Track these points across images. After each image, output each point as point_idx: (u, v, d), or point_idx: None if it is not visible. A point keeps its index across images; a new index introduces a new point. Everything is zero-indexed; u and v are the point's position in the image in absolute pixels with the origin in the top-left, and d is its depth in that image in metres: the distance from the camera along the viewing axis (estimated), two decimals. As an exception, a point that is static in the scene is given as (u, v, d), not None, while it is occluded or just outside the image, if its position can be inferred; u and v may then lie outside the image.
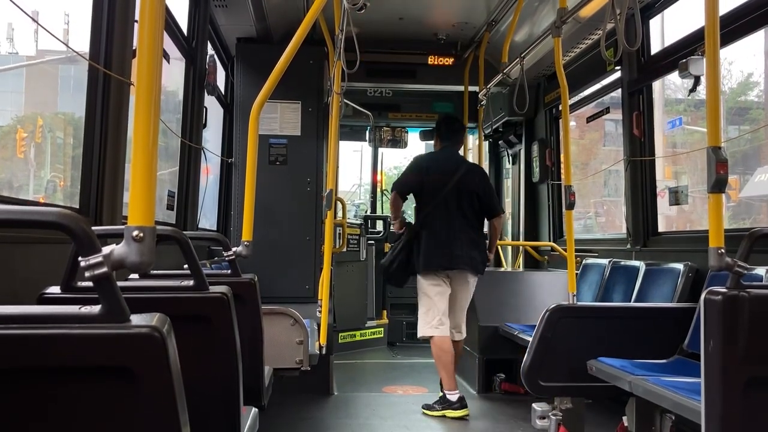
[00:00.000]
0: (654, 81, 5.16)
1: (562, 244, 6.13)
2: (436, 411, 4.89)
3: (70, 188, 7.97)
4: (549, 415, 3.66)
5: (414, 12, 6.07)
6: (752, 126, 16.22)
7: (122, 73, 3.09)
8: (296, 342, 3.68)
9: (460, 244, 4.94)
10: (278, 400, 4.83)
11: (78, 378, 1.13)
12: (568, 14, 4.25)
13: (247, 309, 2.67)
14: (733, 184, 14.67)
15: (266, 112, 5.30)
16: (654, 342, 3.70)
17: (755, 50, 14.50)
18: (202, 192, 5.02)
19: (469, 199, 5.03)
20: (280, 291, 5.09)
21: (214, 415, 2.04)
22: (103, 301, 1.13)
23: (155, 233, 1.27)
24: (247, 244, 3.32)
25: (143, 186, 1.28)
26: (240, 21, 5.31)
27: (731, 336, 1.99)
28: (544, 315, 3.61)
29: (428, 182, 5.05)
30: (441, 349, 4.93)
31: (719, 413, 2.00)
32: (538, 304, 4.83)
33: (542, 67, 6.57)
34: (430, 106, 8.22)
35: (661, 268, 4.37)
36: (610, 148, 16.28)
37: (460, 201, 5.01)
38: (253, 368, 2.68)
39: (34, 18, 2.99)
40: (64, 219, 1.10)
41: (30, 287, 1.99)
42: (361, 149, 19.07)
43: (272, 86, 3.41)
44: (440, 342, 4.93)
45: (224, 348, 2.05)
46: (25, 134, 11.81)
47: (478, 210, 5.08)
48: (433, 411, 4.91)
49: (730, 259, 2.08)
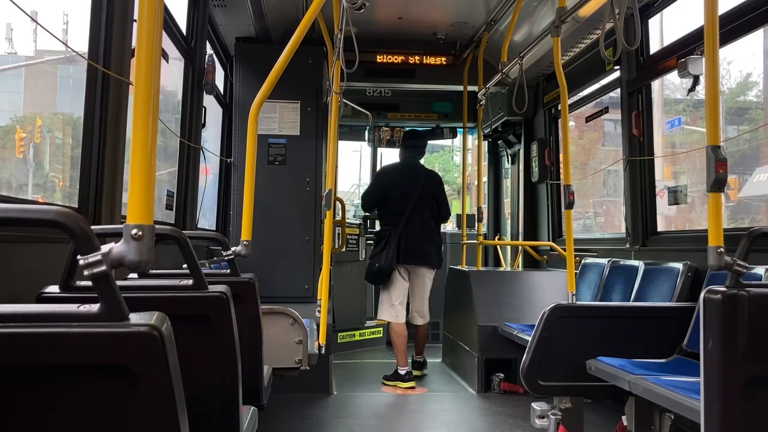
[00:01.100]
0: (653, 81, 5.17)
1: (561, 243, 6.13)
2: (391, 382, 5.82)
3: (69, 188, 7.98)
4: (548, 415, 3.66)
5: (413, 12, 6.07)
6: (751, 126, 16.24)
7: (121, 73, 3.09)
8: (295, 341, 3.67)
9: (421, 244, 5.85)
10: (277, 400, 4.83)
11: (76, 377, 1.13)
12: (567, 14, 4.26)
13: (247, 308, 2.67)
14: (732, 184, 14.69)
15: (265, 111, 5.30)
16: (653, 341, 3.70)
17: (754, 50, 14.52)
18: (201, 192, 5.02)
19: (428, 204, 5.92)
20: (279, 291, 5.10)
21: (214, 415, 2.04)
22: (102, 300, 1.13)
23: (154, 232, 1.27)
24: (246, 243, 3.31)
25: (142, 185, 1.28)
26: (239, 20, 5.31)
27: (731, 335, 1.99)
28: (543, 314, 3.61)
29: (393, 190, 5.91)
30: (396, 333, 5.90)
31: (719, 412, 2.00)
32: (538, 304, 4.85)
33: (541, 67, 6.57)
34: (430, 106, 8.22)
35: (660, 267, 4.37)
36: (609, 148, 16.30)
37: (422, 205, 5.88)
38: (253, 368, 2.68)
39: (33, 18, 2.99)
40: (62, 217, 1.09)
41: (29, 286, 1.99)
42: (360, 149, 19.12)
43: (271, 86, 3.40)
44: (396, 327, 5.90)
45: (223, 347, 2.05)
46: (24, 134, 11.81)
47: (435, 213, 6.00)
48: (389, 382, 5.84)
49: (729, 258, 2.07)
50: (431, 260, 5.93)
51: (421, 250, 5.86)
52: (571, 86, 4.99)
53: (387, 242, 5.81)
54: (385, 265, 5.78)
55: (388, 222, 5.94)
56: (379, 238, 5.96)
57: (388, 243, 5.79)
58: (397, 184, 5.92)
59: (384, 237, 5.87)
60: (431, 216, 5.95)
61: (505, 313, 5.56)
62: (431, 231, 5.96)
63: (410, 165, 6.11)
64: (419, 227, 5.86)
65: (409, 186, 5.88)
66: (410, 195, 5.85)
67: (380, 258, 5.80)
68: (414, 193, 5.85)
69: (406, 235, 5.81)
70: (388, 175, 6.13)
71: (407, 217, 5.82)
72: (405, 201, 5.84)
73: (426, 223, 5.90)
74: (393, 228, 5.84)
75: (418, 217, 5.86)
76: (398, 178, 5.98)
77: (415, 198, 5.84)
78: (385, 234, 5.87)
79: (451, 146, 30.29)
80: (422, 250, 5.86)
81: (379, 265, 5.80)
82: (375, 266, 5.83)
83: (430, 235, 5.95)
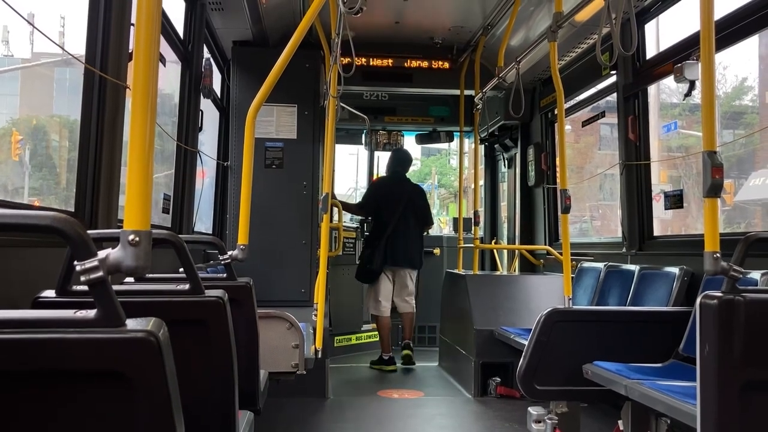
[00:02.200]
0: (649, 85, 5.18)
1: (557, 247, 6.14)
2: (376, 366, 6.71)
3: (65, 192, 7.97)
4: (545, 419, 3.66)
5: (410, 16, 6.08)
6: (747, 130, 16.28)
7: (118, 77, 3.08)
8: (292, 346, 3.67)
9: (406, 248, 6.74)
10: (274, 404, 4.82)
11: (73, 383, 1.13)
12: (564, 19, 4.27)
13: (243, 313, 2.67)
14: (728, 189, 14.72)
15: (262, 115, 5.30)
16: (649, 346, 3.70)
17: (750, 55, 14.57)
18: (198, 195, 5.01)
19: (413, 213, 6.82)
20: (276, 294, 5.09)
21: (210, 420, 2.04)
22: (99, 306, 1.12)
23: (151, 237, 1.26)
24: (243, 247, 3.31)
25: (139, 190, 1.28)
26: (236, 24, 5.30)
27: (727, 340, 2.00)
28: (539, 319, 3.62)
29: (384, 201, 6.78)
30: (381, 325, 6.80)
31: (715, 417, 2.00)
32: (534, 308, 4.84)
33: (538, 72, 6.58)
34: (427, 110, 8.23)
35: (656, 272, 4.38)
36: (606, 152, 16.32)
37: (408, 214, 6.77)
38: (249, 372, 2.67)
39: (29, 21, 2.98)
40: (59, 223, 1.09)
41: (25, 291, 1.99)
42: (357, 153, 19.10)
43: (268, 89, 3.40)
44: (381, 320, 6.79)
45: (220, 352, 2.04)
46: (20, 137, 11.78)
47: (420, 220, 6.93)
48: (375, 366, 6.72)
49: (725, 263, 2.08)
50: (414, 262, 6.88)
51: (406, 253, 6.76)
52: (567, 91, 4.99)
53: (377, 245, 6.65)
54: (376, 267, 6.66)
55: (378, 227, 6.78)
56: (369, 241, 6.83)
57: (378, 246, 6.64)
58: (387, 194, 6.83)
59: (374, 240, 6.74)
60: (416, 223, 6.85)
61: (501, 317, 5.56)
62: (415, 236, 6.87)
63: (399, 178, 7.02)
64: (404, 233, 6.74)
65: (398, 196, 6.76)
66: (398, 204, 6.72)
67: (371, 260, 6.66)
68: (401, 203, 6.73)
69: (393, 239, 6.68)
70: (381, 186, 7.07)
71: (395, 224, 6.68)
72: (394, 210, 6.70)
73: (411, 229, 6.80)
74: (382, 233, 6.68)
75: (403, 224, 6.74)
76: (389, 189, 6.89)
77: (402, 207, 6.72)
78: (375, 238, 6.73)
79: (448, 150, 30.32)
80: (407, 253, 6.76)
81: (371, 266, 6.67)
82: (366, 267, 6.73)
83: (414, 239, 6.86)
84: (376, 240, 6.71)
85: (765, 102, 15.52)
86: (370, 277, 6.80)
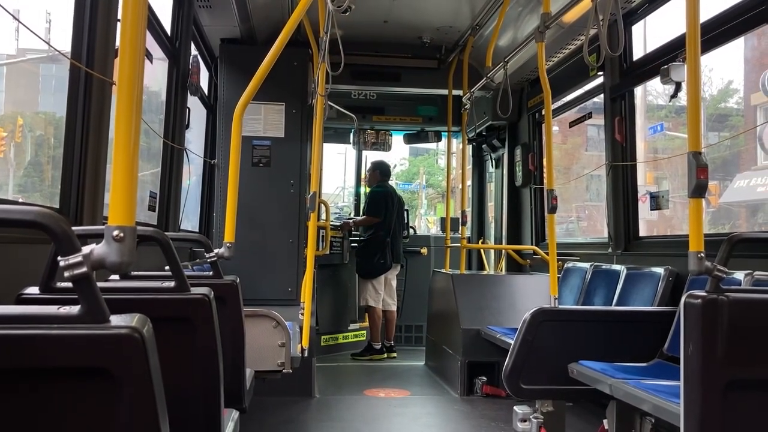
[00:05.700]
0: (636, 86, 5.21)
1: (544, 247, 6.16)
2: (365, 356, 7.27)
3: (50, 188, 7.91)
4: (530, 418, 3.68)
5: (398, 15, 6.08)
6: (732, 132, 16.42)
7: (104, 73, 3.06)
8: (278, 344, 3.66)
9: (399, 248, 7.67)
10: (259, 403, 4.80)
11: (56, 379, 1.12)
12: (552, 19, 4.28)
13: (229, 311, 2.66)
14: (713, 190, 14.85)
15: (250, 113, 5.28)
16: (634, 345, 3.73)
17: (735, 57, 14.70)
18: (185, 193, 4.98)
19: (399, 217, 7.67)
20: (262, 293, 5.07)
21: (195, 418, 2.03)
22: (83, 302, 1.12)
23: (136, 233, 1.26)
24: (230, 245, 3.29)
25: (124, 186, 1.27)
26: (224, 21, 5.28)
27: (710, 339, 2.01)
28: (525, 318, 3.63)
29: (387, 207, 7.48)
30: (378, 315, 7.34)
31: (698, 416, 2.02)
32: (520, 308, 4.86)
33: (525, 72, 6.60)
34: (415, 110, 8.24)
35: (641, 272, 4.40)
36: (592, 153, 16.41)
37: (399, 219, 7.65)
38: (235, 370, 2.66)
39: (15, 16, 2.95)
40: (43, 218, 1.08)
41: (8, 287, 1.97)
42: (345, 152, 19.08)
43: (256, 87, 3.39)
44: (378, 311, 7.35)
45: (205, 350, 2.03)
46: (4, 133, 11.67)
47: (403, 225, 7.86)
48: (363, 356, 7.27)
49: (709, 263, 2.09)
50: (400, 261, 7.79)
51: (399, 253, 7.66)
52: (555, 91, 5.01)
53: (385, 244, 7.36)
54: (388, 262, 7.40)
55: (382, 230, 7.41)
56: (377, 242, 7.39)
57: (386, 245, 7.36)
58: (389, 201, 7.53)
59: (381, 241, 7.39)
60: (400, 227, 7.76)
61: (488, 317, 5.57)
62: (401, 238, 7.85)
63: (391, 187, 7.84)
64: (398, 235, 7.64)
65: (392, 203, 7.51)
66: (394, 210, 7.52)
67: (384, 255, 7.36)
68: (394, 209, 7.53)
69: (393, 240, 7.47)
70: (386, 194, 7.64)
71: (394, 228, 7.50)
72: (391, 215, 7.45)
73: (399, 232, 7.70)
74: (387, 234, 7.40)
75: (398, 227, 7.64)
76: (390, 196, 7.59)
77: (395, 213, 7.53)
78: (382, 238, 7.40)
79: (436, 150, 30.36)
80: (399, 253, 7.66)
81: (384, 261, 7.36)
82: (380, 261, 7.36)
83: (401, 241, 7.84)
84: (383, 240, 7.37)
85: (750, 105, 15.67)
86: (379, 272, 7.34)
